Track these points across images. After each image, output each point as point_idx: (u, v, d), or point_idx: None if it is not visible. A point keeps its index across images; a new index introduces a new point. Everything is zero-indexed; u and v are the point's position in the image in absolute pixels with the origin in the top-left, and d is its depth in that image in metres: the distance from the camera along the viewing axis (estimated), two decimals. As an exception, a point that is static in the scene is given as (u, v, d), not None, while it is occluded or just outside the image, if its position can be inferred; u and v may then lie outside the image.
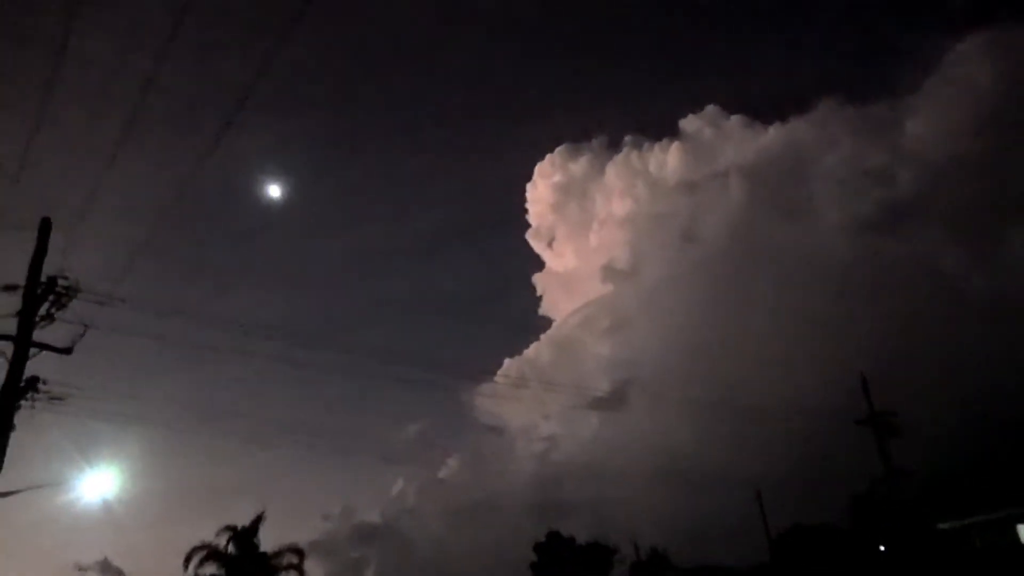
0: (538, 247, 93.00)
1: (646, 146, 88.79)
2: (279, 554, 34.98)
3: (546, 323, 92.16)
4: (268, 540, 35.22)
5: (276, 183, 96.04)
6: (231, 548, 34.34)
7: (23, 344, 14.00)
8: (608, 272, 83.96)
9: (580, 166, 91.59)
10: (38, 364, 14.27)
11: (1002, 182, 68.79)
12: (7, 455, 13.44)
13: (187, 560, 33.18)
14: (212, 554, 33.84)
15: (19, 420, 13.79)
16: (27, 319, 14.19)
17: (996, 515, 34.96)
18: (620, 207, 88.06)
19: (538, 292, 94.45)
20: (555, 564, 50.76)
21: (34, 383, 13.96)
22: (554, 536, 51.77)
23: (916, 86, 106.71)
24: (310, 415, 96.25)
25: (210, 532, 34.52)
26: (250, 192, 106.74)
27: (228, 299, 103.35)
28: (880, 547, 42.29)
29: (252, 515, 35.22)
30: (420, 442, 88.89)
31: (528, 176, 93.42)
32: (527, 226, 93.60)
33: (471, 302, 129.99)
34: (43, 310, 14.45)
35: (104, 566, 48.75)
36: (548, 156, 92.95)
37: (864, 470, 38.72)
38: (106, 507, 18.95)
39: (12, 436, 13.61)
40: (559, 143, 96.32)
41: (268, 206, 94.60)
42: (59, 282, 14.58)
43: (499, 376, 71.24)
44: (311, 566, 38.11)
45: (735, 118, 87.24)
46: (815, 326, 67.27)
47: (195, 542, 33.79)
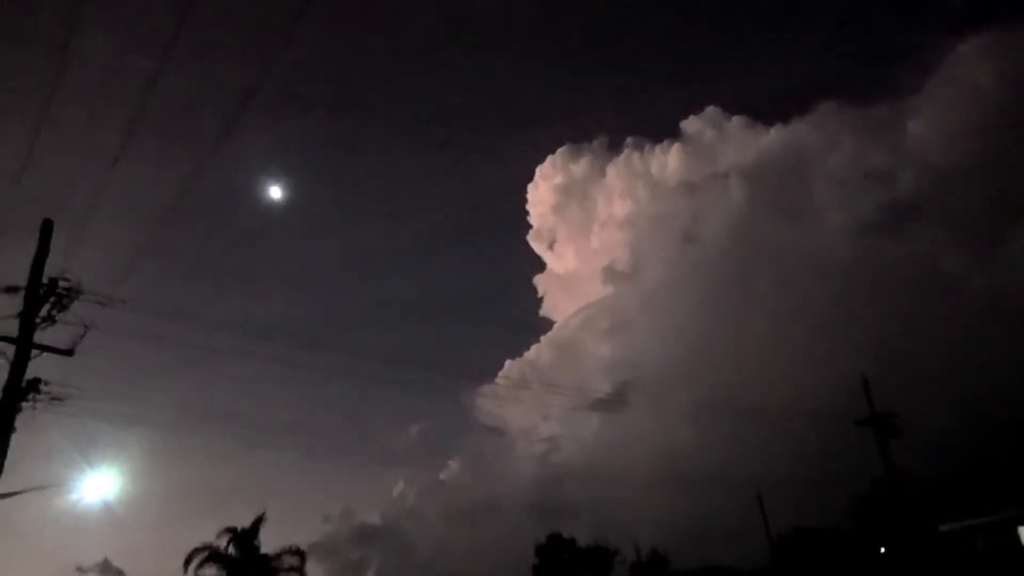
0: (539, 248, 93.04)
1: (647, 147, 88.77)
2: (280, 556, 35.01)
3: (547, 324, 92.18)
4: (269, 541, 35.28)
5: (276, 184, 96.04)
6: (232, 550, 34.36)
7: (24, 346, 14.02)
8: (609, 273, 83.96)
9: (581, 167, 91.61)
10: (39, 365, 14.32)
11: (1003, 183, 68.78)
12: (8, 457, 13.45)
13: (187, 562, 33.20)
14: (213, 556, 33.85)
15: (20, 421, 13.80)
16: (28, 321, 14.20)
17: (997, 517, 34.88)
18: (621, 208, 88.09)
19: (539, 293, 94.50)
20: (556, 566, 50.70)
21: (35, 384, 13.98)
22: (555, 538, 51.71)
23: (917, 87, 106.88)
24: (311, 416, 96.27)
25: (211, 533, 34.60)
26: (250, 193, 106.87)
27: (228, 300, 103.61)
28: (881, 549, 42.26)
29: (253, 516, 35.32)
30: (421, 443, 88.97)
31: (529, 177, 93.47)
32: (528, 227, 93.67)
33: (472, 303, 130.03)
34: (44, 312, 14.47)
35: (104, 567, 48.92)
36: (549, 157, 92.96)
37: (864, 470, 38.74)
38: (107, 508, 18.99)
39: (13, 437, 13.62)
40: (560, 144, 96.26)
41: (268, 207, 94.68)
42: (60, 284, 14.60)
43: (500, 377, 71.15)
44: (312, 567, 38.14)
45: (736, 119, 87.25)
46: (816, 327, 67.29)
47: (195, 543, 33.86)
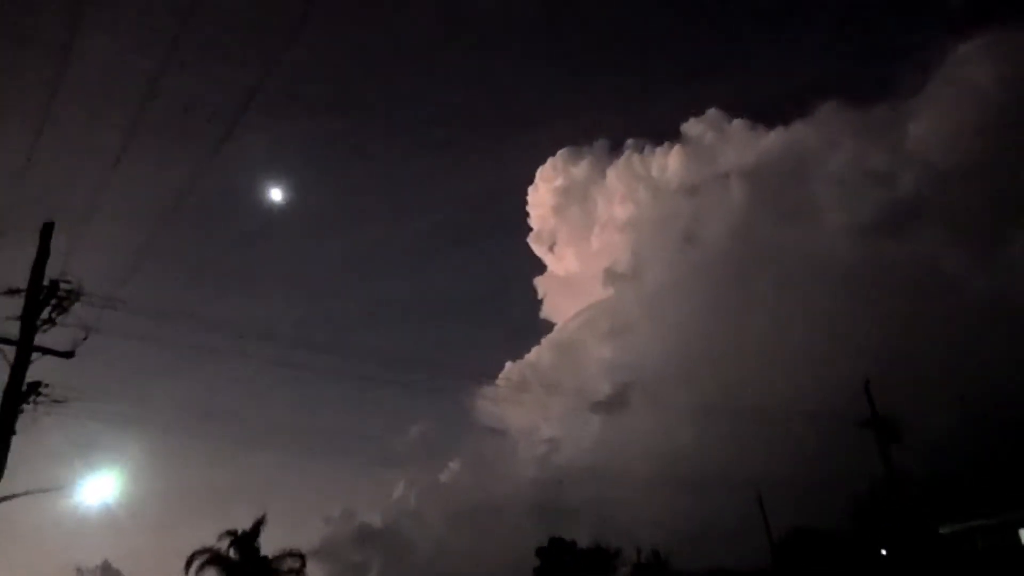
0: (539, 250, 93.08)
1: (647, 149, 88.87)
2: (280, 558, 34.98)
3: (547, 326, 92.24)
4: (269, 543, 35.25)
5: (276, 184, 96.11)
6: (232, 552, 34.33)
7: (25, 348, 14.01)
8: (609, 275, 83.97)
9: (581, 169, 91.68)
10: (39, 367, 14.31)
11: (1003, 183, 68.60)
12: (9, 459, 13.44)
13: (188, 564, 33.18)
14: (213, 558, 33.82)
15: (21, 424, 13.79)
16: (29, 323, 14.20)
17: (998, 519, 34.84)
18: (621, 211, 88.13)
19: (539, 295, 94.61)
20: (557, 568, 50.68)
21: (36, 387, 13.97)
22: (556, 540, 51.70)
23: (917, 88, 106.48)
24: (311, 417, 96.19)
25: (211, 536, 34.58)
26: (250, 194, 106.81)
27: (228, 300, 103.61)
28: (882, 551, 42.22)
29: (253, 518, 35.29)
30: (421, 445, 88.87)
31: (529, 179, 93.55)
32: (528, 230, 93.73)
33: (472, 305, 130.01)
34: (45, 314, 14.46)
35: (105, 569, 48.84)
36: (549, 159, 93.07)
37: (865, 470, 38.67)
38: (107, 510, 18.98)
39: (14, 440, 13.61)
40: (560, 146, 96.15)
41: (268, 207, 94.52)
42: (61, 286, 14.60)
43: (500, 379, 71.15)
44: (312, 569, 38.12)
45: (736, 121, 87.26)
46: (816, 328, 67.22)
47: (196, 545, 33.84)
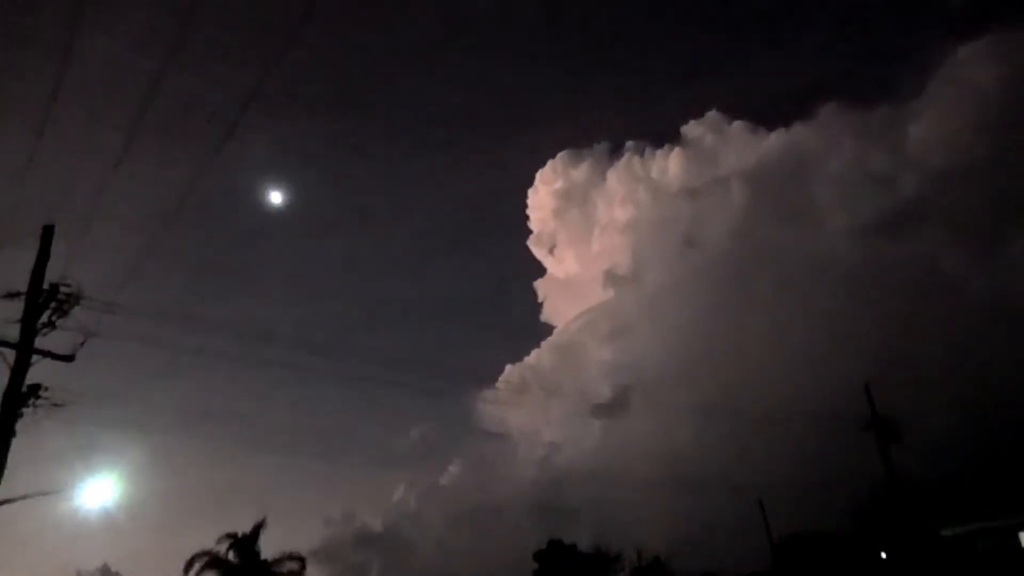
0: (539, 253, 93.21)
1: (647, 152, 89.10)
2: (280, 561, 34.92)
3: (547, 329, 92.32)
4: (269, 545, 35.20)
5: (276, 185, 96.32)
6: (232, 555, 34.28)
7: (25, 351, 14.00)
8: (610, 278, 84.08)
9: (581, 172, 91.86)
10: (39, 371, 14.30)
11: (1004, 185, 68.74)
12: (8, 462, 13.43)
13: (187, 567, 33.13)
14: (213, 561, 33.78)
15: (20, 427, 13.78)
16: (29, 326, 14.19)
17: (999, 521, 34.80)
18: (621, 213, 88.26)
19: (539, 298, 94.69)
20: (557, 571, 50.61)
21: (36, 390, 13.96)
22: (556, 544, 51.63)
23: (918, 90, 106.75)
24: (311, 420, 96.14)
25: (211, 538, 34.54)
26: (250, 195, 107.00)
27: (228, 302, 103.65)
28: (882, 554, 42.15)
29: (253, 521, 35.24)
30: (421, 447, 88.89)
31: (529, 182, 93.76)
32: (528, 232, 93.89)
33: (472, 307, 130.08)
34: (45, 317, 14.45)
35: (104, 572, 48.72)
36: (549, 162, 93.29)
37: (865, 470, 38.65)
38: (107, 513, 18.95)
39: (13, 443, 13.60)
40: (560, 149, 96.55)
41: (268, 210, 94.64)
42: (61, 289, 14.59)
43: (500, 382, 71.25)
44: (312, 571, 38.09)
45: (736, 123, 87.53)
46: (817, 329, 67.27)
47: (196, 549, 33.79)
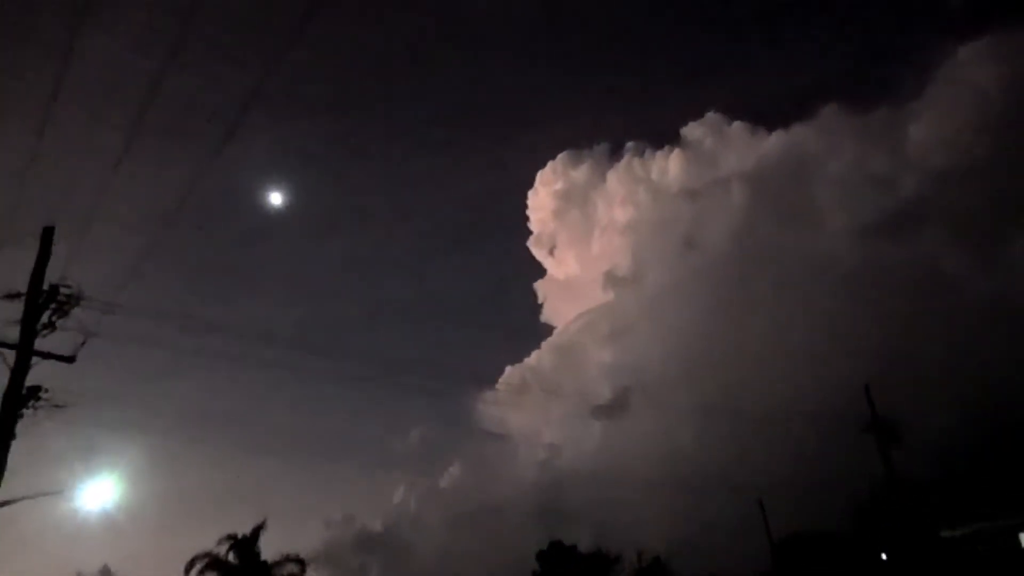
0: (539, 254, 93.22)
1: (647, 153, 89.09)
2: (280, 563, 34.91)
3: (547, 330, 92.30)
4: (269, 547, 35.20)
5: (276, 187, 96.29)
6: (232, 557, 34.27)
7: (25, 352, 13.99)
8: (610, 279, 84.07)
9: (581, 173, 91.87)
10: (39, 372, 14.29)
11: (1004, 185, 68.72)
12: (8, 463, 13.42)
13: (188, 568, 33.14)
14: (213, 563, 33.78)
15: (21, 428, 13.77)
16: (29, 327, 14.18)
17: (999, 523, 34.79)
18: (621, 214, 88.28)
19: (539, 299, 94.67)
20: (557, 573, 50.58)
21: (36, 392, 13.95)
22: (556, 545, 51.60)
23: (918, 90, 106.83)
24: (311, 421, 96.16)
25: (211, 540, 34.55)
26: (249, 196, 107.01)
27: (228, 303, 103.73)
28: (882, 555, 42.10)
29: (253, 522, 35.26)
30: (422, 449, 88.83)
31: (529, 183, 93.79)
32: (528, 233, 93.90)
33: (472, 308, 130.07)
34: (45, 318, 14.45)
35: (104, 574, 48.63)
36: (549, 163, 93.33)
37: (865, 470, 38.60)
38: (107, 515, 18.94)
39: (13, 444, 13.59)
40: (560, 150, 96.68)
41: (268, 210, 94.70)
42: (61, 290, 14.59)
43: (500, 383, 71.29)
44: (312, 573, 38.02)
45: (736, 125, 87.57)
46: (817, 330, 67.22)
47: (196, 550, 33.81)
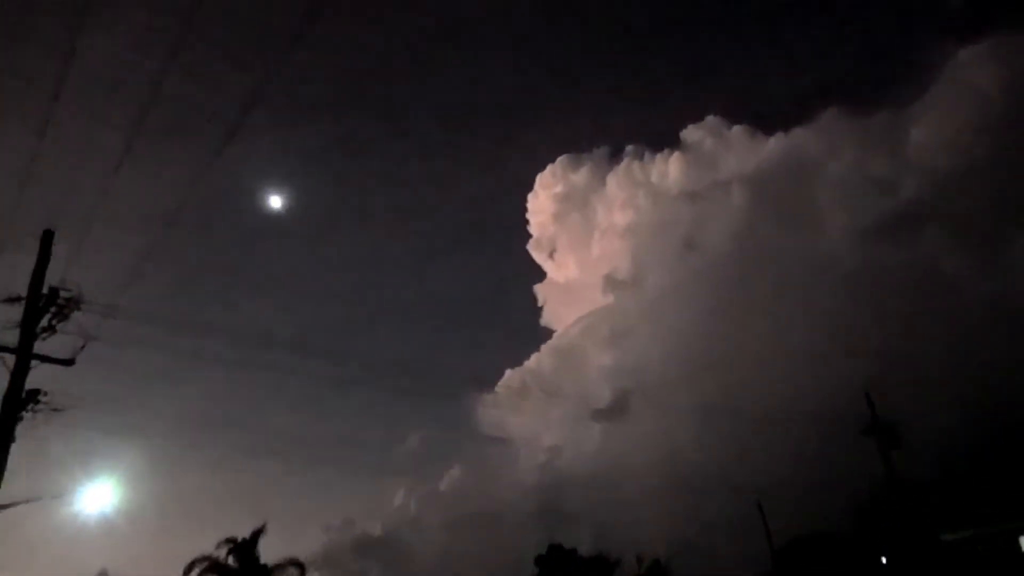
0: (539, 257, 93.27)
1: (647, 156, 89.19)
2: (280, 567, 34.82)
3: (547, 333, 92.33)
4: (269, 551, 35.11)
5: (276, 188, 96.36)
6: (231, 560, 34.19)
7: (25, 356, 13.99)
8: (609, 282, 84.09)
9: (581, 176, 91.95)
10: (39, 375, 14.28)
11: (1004, 187, 68.71)
12: (7, 467, 13.41)
13: (187, 572, 33.03)
14: (212, 566, 33.68)
15: (20, 432, 13.76)
16: (28, 330, 14.18)
17: (1000, 526, 34.76)
18: (621, 217, 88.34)
19: (539, 302, 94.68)
20: (556, 576, 50.49)
21: (35, 395, 13.94)
22: (556, 548, 51.51)
23: (918, 93, 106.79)
24: (311, 425, 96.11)
25: (211, 544, 34.43)
26: (249, 199, 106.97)
27: (228, 307, 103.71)
28: (883, 558, 42.07)
29: (253, 526, 35.16)
30: (421, 453, 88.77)
31: (529, 184, 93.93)
32: (528, 236, 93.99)
33: (472, 311, 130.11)
34: (45, 321, 14.45)
35: (103, 577, 48.52)
36: (549, 166, 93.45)
37: (865, 472, 38.60)
38: (106, 518, 18.90)
39: (12, 447, 13.58)
40: (559, 153, 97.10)
41: (269, 211, 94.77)
42: (61, 293, 14.58)
43: (500, 386, 71.27)
44: (312, 577, 37.92)
45: (736, 128, 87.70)
46: (817, 333, 67.21)
47: (195, 553, 33.69)
